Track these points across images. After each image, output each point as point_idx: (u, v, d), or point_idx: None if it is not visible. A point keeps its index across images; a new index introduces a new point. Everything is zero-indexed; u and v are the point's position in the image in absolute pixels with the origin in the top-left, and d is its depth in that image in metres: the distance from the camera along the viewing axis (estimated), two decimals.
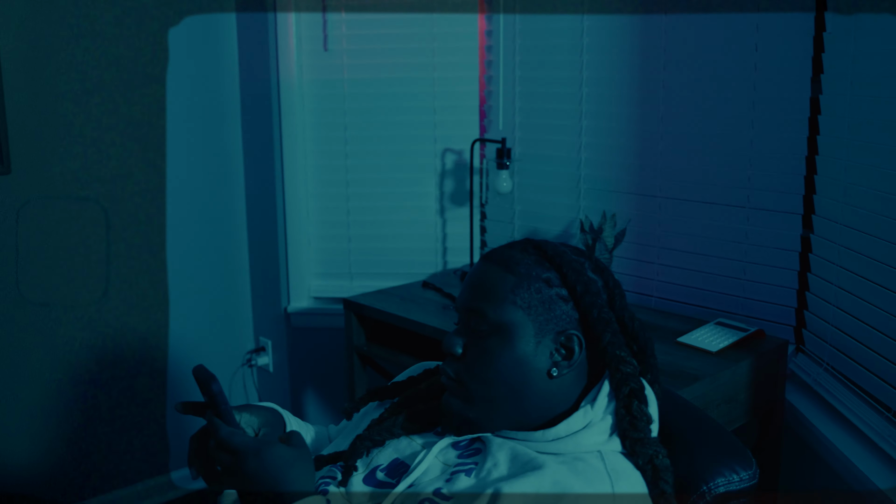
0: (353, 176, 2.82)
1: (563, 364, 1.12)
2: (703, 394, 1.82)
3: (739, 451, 1.13)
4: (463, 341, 1.15)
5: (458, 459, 1.13)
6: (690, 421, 1.21)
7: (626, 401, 1.10)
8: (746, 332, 2.04)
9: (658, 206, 2.36)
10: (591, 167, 2.51)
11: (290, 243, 2.86)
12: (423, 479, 1.11)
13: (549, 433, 1.10)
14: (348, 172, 2.82)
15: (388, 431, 1.20)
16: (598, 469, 1.05)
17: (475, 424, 1.14)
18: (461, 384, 1.14)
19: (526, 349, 1.11)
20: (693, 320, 2.21)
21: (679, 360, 1.91)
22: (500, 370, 1.11)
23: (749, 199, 2.18)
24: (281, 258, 2.89)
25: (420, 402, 1.25)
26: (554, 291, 1.12)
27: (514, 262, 1.14)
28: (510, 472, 1.06)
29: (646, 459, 1.07)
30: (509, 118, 2.71)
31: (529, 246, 1.17)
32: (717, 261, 2.25)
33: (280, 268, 2.91)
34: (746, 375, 1.93)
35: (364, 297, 2.52)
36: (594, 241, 2.31)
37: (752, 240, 2.18)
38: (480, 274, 1.16)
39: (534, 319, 1.11)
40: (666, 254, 2.36)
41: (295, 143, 2.79)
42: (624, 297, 1.18)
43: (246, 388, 3.16)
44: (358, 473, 1.17)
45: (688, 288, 2.32)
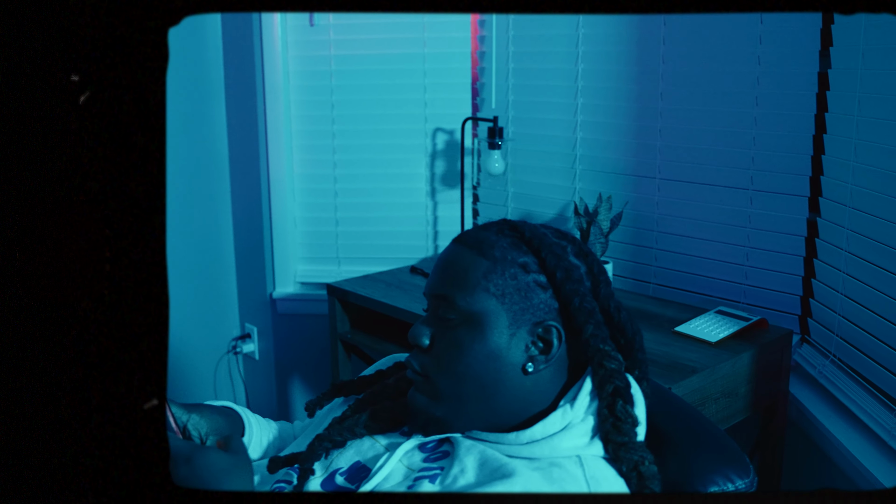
0: (340, 157, 2.73)
1: (540, 359, 1.01)
2: (700, 387, 1.73)
3: (736, 457, 1.01)
4: (430, 332, 1.04)
5: (424, 464, 1.02)
6: (682, 421, 1.10)
7: (610, 400, 0.99)
8: (748, 321, 1.96)
9: (657, 188, 2.28)
10: (587, 147, 2.42)
11: (276, 227, 2.77)
12: (383, 486, 1.01)
13: (523, 435, 0.99)
14: (335, 153, 2.73)
15: (350, 431, 1.09)
16: (576, 476, 0.95)
17: (443, 424, 1.03)
18: (428, 379, 1.03)
19: (499, 341, 1.00)
20: (692, 309, 2.13)
21: (676, 350, 1.82)
22: (470, 364, 1.00)
23: (752, 181, 2.09)
24: (266, 242, 2.81)
25: (387, 398, 1.14)
26: (531, 278, 1.01)
27: (488, 244, 1.03)
28: (478, 479, 0.96)
29: (630, 466, 0.96)
30: (502, 96, 2.60)
31: (506, 227, 1.06)
32: (719, 246, 2.17)
33: (265, 252, 2.83)
34: (748, 367, 1.85)
35: (348, 283, 2.42)
36: (589, 225, 2.20)
37: (756, 224, 2.10)
38: (450, 257, 1.05)
39: (508, 308, 1.00)
40: (664, 238, 2.28)
41: (279, 123, 2.69)
42: (610, 285, 1.07)
43: (232, 377, 3.07)
44: (315, 477, 1.07)
45: (687, 274, 2.24)
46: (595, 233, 2.20)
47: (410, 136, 2.70)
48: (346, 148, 2.72)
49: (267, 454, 1.23)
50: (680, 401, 1.17)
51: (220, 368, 3.04)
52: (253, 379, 3.05)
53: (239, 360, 3.07)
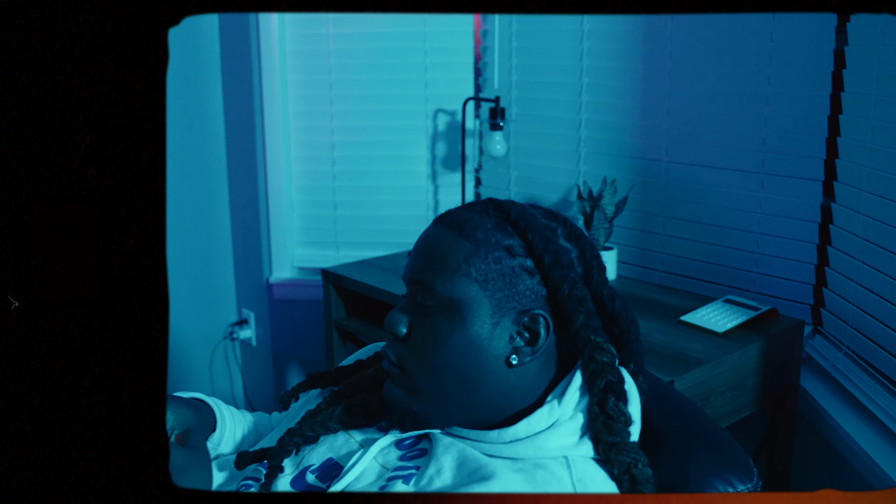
0: (338, 138, 2.65)
1: (526, 350, 0.93)
2: (705, 380, 1.66)
3: (738, 459, 0.93)
4: (408, 320, 0.96)
5: (399, 462, 0.95)
6: (681, 420, 1.02)
7: (601, 396, 0.91)
8: (758, 310, 1.89)
9: (663, 171, 2.20)
10: (592, 129, 2.34)
11: (272, 210, 2.70)
12: (355, 485, 0.93)
13: (505, 433, 0.91)
14: (333, 135, 2.65)
15: (323, 426, 1.02)
16: (562, 479, 0.87)
17: (420, 419, 0.95)
18: (404, 371, 0.96)
19: (480, 331, 0.92)
20: (699, 297, 2.07)
21: (680, 341, 1.75)
22: (449, 356, 0.92)
23: (764, 164, 2.01)
24: (262, 225, 2.75)
25: (364, 390, 1.06)
26: (517, 262, 0.93)
27: (471, 225, 0.95)
28: (455, 481, 0.88)
29: (622, 468, 0.88)
30: (505, 76, 2.52)
31: (490, 207, 0.98)
32: (728, 232, 2.10)
33: (261, 236, 2.76)
34: (756, 359, 1.78)
35: (343, 268, 2.35)
36: (592, 210, 2.12)
37: (767, 209, 2.02)
38: (429, 239, 0.97)
39: (491, 295, 0.92)
40: (671, 224, 2.21)
41: (276, 103, 2.62)
42: (603, 271, 0.98)
43: (228, 363, 3.01)
44: (285, 475, 1.00)
45: (694, 261, 2.17)
46: (599, 218, 2.12)
47: (411, 117, 2.62)
48: (345, 129, 2.65)
49: (241, 448, 1.15)
50: (679, 396, 1.09)
51: (217, 355, 2.99)
52: (250, 365, 3.00)
53: (236, 346, 3.01)
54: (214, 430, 1.10)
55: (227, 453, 1.13)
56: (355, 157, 2.66)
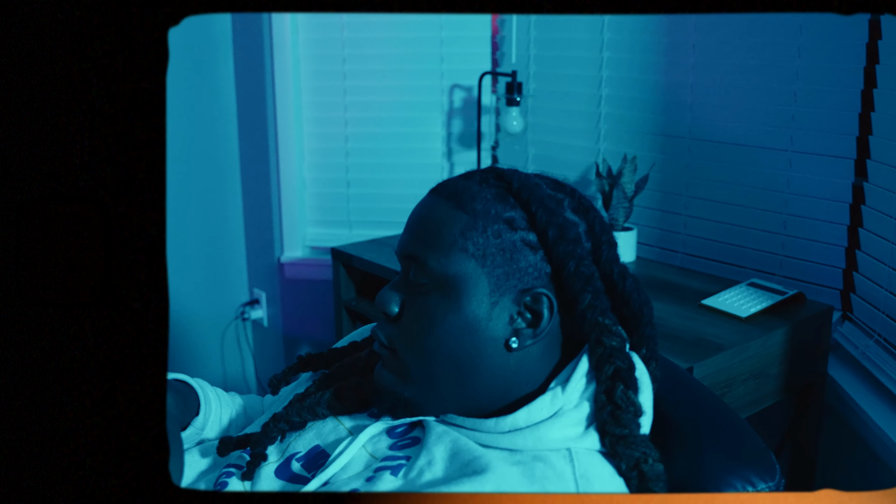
0: (351, 115, 2.59)
1: (527, 333, 0.85)
2: (726, 367, 1.58)
3: (759, 455, 0.85)
4: (400, 298, 0.89)
5: (389, 451, 0.87)
6: (697, 410, 0.94)
7: (609, 384, 0.83)
8: (784, 295, 1.82)
9: (686, 149, 2.12)
10: (613, 105, 2.26)
11: (284, 188, 2.64)
12: (341, 475, 0.86)
13: (503, 422, 0.84)
14: (347, 111, 2.59)
15: (311, 411, 0.95)
16: (563, 474, 0.79)
17: (412, 406, 0.88)
18: (395, 354, 0.88)
19: (477, 311, 0.84)
20: (722, 280, 2.00)
21: (701, 325, 1.68)
22: (443, 338, 0.85)
23: (792, 141, 1.93)
24: (274, 204, 2.69)
25: (356, 374, 0.99)
26: (518, 236, 0.85)
27: (469, 195, 0.87)
28: (446, 473, 0.81)
29: (630, 463, 0.80)
30: (523, 50, 2.45)
31: (491, 176, 0.90)
32: (753, 212, 2.02)
33: (273, 214, 2.71)
34: (781, 346, 1.71)
35: (353, 247, 2.29)
36: (611, 188, 2.04)
37: (795, 188, 1.94)
38: (423, 210, 0.90)
39: (489, 272, 0.84)
40: (694, 204, 2.13)
41: (288, 78, 2.56)
42: (614, 247, 0.90)
43: (240, 344, 2.97)
44: (269, 463, 0.93)
45: (718, 243, 2.10)
46: (618, 196, 2.04)
47: (426, 92, 2.56)
48: (358, 105, 2.59)
49: (227, 433, 1.09)
50: (697, 385, 1.00)
51: (228, 335, 2.95)
52: (261, 346, 2.95)
53: (247, 326, 2.97)
54: (198, 414, 1.04)
55: (212, 438, 1.06)
56: (369, 133, 2.61)
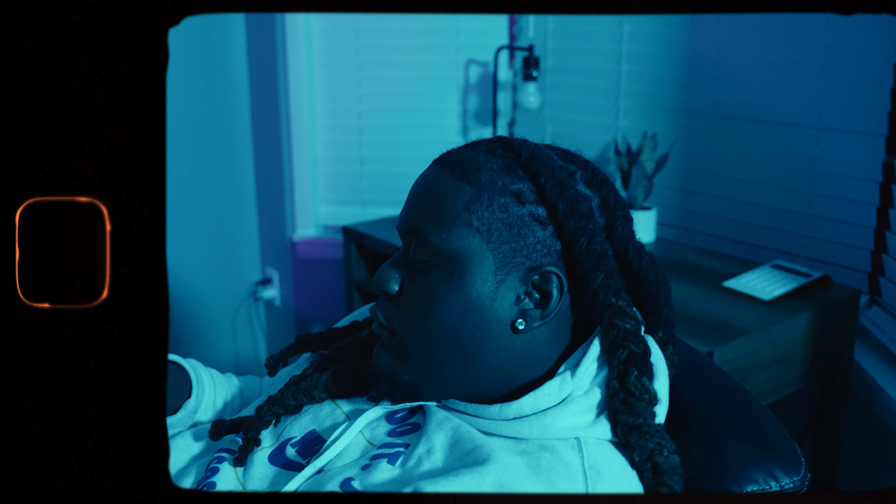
0: (365, 91, 2.55)
1: (535, 314, 0.80)
2: (748, 352, 1.53)
3: (783, 447, 0.79)
4: (400, 276, 0.84)
5: (388, 438, 0.82)
6: (717, 398, 0.88)
7: (622, 369, 0.77)
8: (809, 277, 1.76)
9: (709, 126, 2.07)
10: (633, 80, 2.19)
11: (296, 165, 2.60)
12: (336, 462, 0.81)
13: (508, 409, 0.78)
14: (360, 87, 2.55)
15: (307, 394, 0.90)
16: (571, 464, 0.74)
17: (412, 390, 0.83)
18: (394, 335, 0.83)
19: (481, 290, 0.79)
20: (745, 262, 1.95)
21: (722, 308, 1.63)
22: (445, 319, 0.79)
23: (820, 118, 1.87)
24: (286, 182, 2.65)
25: (356, 355, 0.94)
26: (526, 210, 0.79)
27: (474, 166, 0.81)
28: (446, 463, 0.75)
29: (644, 455, 0.75)
30: (541, 24, 2.39)
31: (498, 146, 0.84)
32: (778, 192, 1.97)
33: (284, 192, 2.66)
34: (805, 330, 1.66)
35: (365, 226, 2.24)
36: (630, 166, 1.98)
37: (822, 167, 1.88)
38: (426, 182, 0.84)
39: (495, 249, 0.79)
40: (716, 182, 2.08)
41: (300, 54, 2.52)
42: (629, 223, 0.84)
43: (252, 324, 2.93)
44: (263, 448, 0.88)
45: (740, 223, 2.05)
46: (637, 175, 1.99)
47: (441, 68, 2.51)
48: (372, 81, 2.54)
49: (222, 416, 1.04)
50: (716, 370, 0.94)
51: (240, 315, 2.91)
52: (273, 326, 2.92)
53: (259, 306, 2.93)
54: (189, 397, 0.99)
55: (205, 421, 1.02)
56: (382, 110, 2.56)
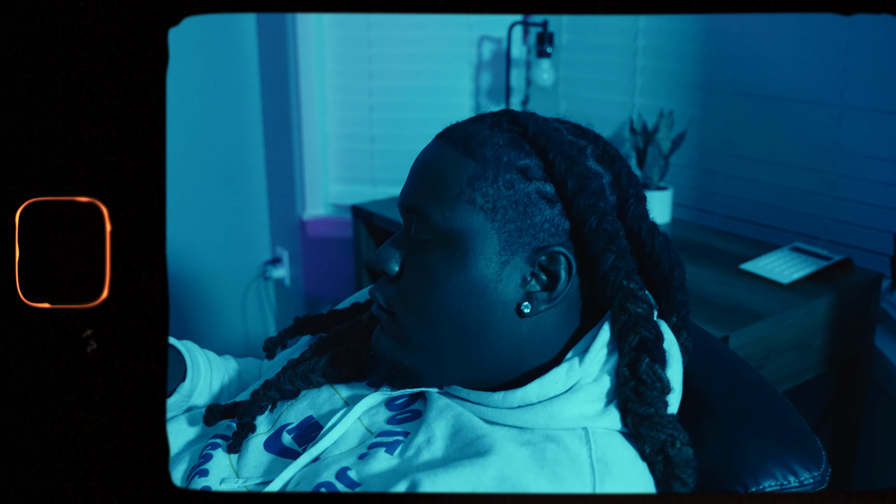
0: (376, 67, 2.50)
1: (542, 296, 0.75)
2: (765, 336, 1.49)
3: (803, 439, 0.75)
4: (401, 256, 0.80)
5: (387, 426, 0.79)
6: (734, 386, 0.83)
7: (633, 356, 0.73)
8: (829, 260, 1.71)
9: (727, 104, 2.01)
10: (650, 57, 2.14)
11: (306, 143, 2.56)
12: (333, 451, 0.78)
13: (513, 396, 0.74)
14: (371, 63, 2.50)
15: (304, 378, 0.86)
16: (578, 456, 0.70)
17: (412, 375, 0.79)
18: (394, 317, 0.79)
19: (485, 272, 0.75)
20: (763, 244, 1.90)
21: (739, 292, 1.58)
22: (446, 301, 0.75)
23: (843, 95, 1.81)
24: (295, 160, 2.61)
25: (356, 338, 0.90)
26: (533, 187, 0.75)
27: (478, 141, 0.77)
28: (446, 454, 0.72)
29: (655, 447, 0.71)
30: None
31: (504, 119, 0.80)
32: (798, 172, 1.91)
33: (294, 171, 2.62)
34: (825, 315, 1.61)
35: (375, 205, 2.20)
36: (646, 145, 1.93)
37: (845, 146, 1.83)
38: (428, 157, 0.80)
39: (499, 228, 0.75)
40: (734, 162, 2.03)
41: (310, 30, 2.47)
42: (643, 202, 0.80)
43: (262, 304, 2.91)
44: (258, 434, 0.85)
45: (759, 204, 2.00)
46: (653, 154, 1.93)
47: (453, 44, 2.46)
48: (383, 57, 2.50)
49: (218, 400, 1.01)
50: (733, 357, 0.90)
51: (250, 294, 2.88)
52: (284, 306, 2.89)
53: (269, 285, 2.90)
54: (184, 380, 0.96)
55: (201, 405, 0.98)
56: (394, 87, 2.52)
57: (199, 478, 0.81)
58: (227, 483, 0.80)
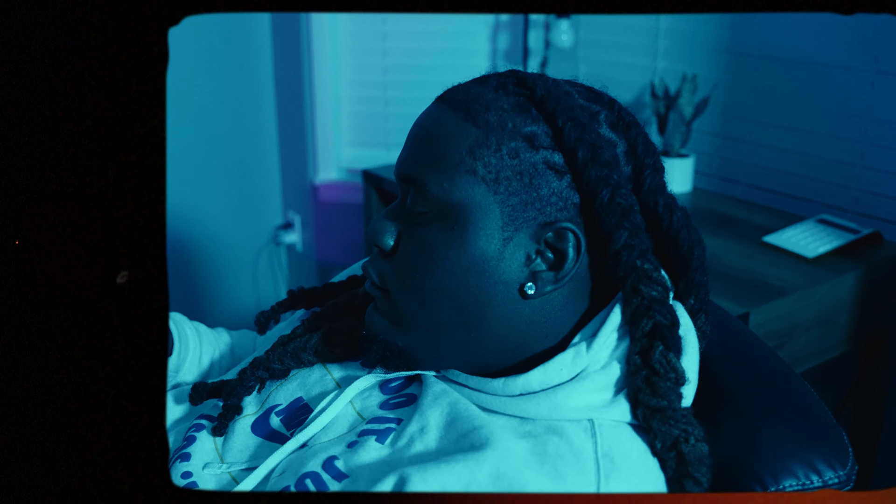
0: (390, 28, 2.44)
1: (547, 276, 0.69)
2: (789, 313, 1.42)
3: (829, 435, 0.69)
4: (396, 229, 0.74)
5: (379, 411, 0.74)
6: (754, 373, 0.77)
7: (646, 343, 0.67)
8: (857, 234, 1.63)
9: (754, 68, 1.92)
10: (673, 18, 2.05)
11: (318, 106, 2.50)
12: (321, 438, 0.73)
13: (513, 383, 0.69)
14: (385, 24, 2.44)
15: (294, 357, 0.81)
16: (583, 450, 0.64)
17: (407, 358, 0.74)
18: (388, 296, 0.74)
19: (486, 249, 0.69)
20: (788, 216, 1.81)
21: (761, 266, 1.51)
22: (444, 280, 0.69)
23: (877, 60, 1.71)
24: (307, 122, 2.55)
25: (351, 314, 0.85)
26: (540, 156, 0.69)
27: (481, 105, 0.71)
28: (439, 445, 0.66)
29: (668, 442, 0.65)
30: None
31: (510, 81, 0.74)
32: (828, 140, 1.83)
33: (306, 134, 2.57)
34: (851, 291, 1.53)
35: (386, 170, 2.14)
36: (667, 110, 1.85)
37: (877, 114, 1.73)
38: (426, 122, 0.74)
39: (502, 201, 0.69)
40: (760, 129, 1.94)
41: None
42: (660, 173, 0.73)
43: (273, 269, 2.87)
44: (245, 416, 0.80)
45: (785, 174, 1.91)
46: (675, 119, 1.86)
47: None
48: (398, 18, 2.42)
49: (209, 377, 0.96)
50: (754, 340, 0.84)
51: (262, 259, 2.84)
52: (295, 272, 2.85)
53: (281, 251, 2.86)
54: (171, 354, 0.91)
55: (189, 382, 0.94)
56: (409, 49, 2.44)
57: (180, 462, 0.76)
58: (210, 468, 0.76)
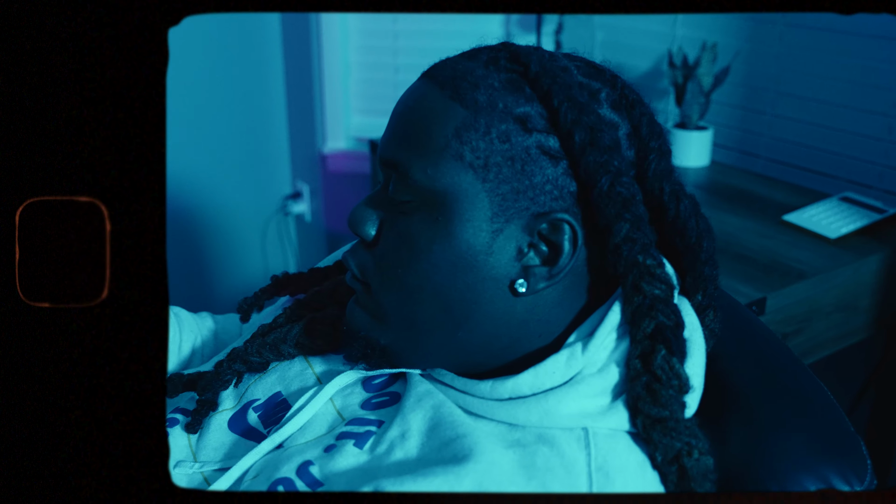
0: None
1: (541, 272, 0.64)
2: (809, 297, 1.36)
3: (846, 444, 0.63)
4: (378, 218, 0.68)
5: (361, 411, 0.69)
6: (766, 373, 0.71)
7: (647, 345, 0.61)
8: (883, 213, 1.57)
9: (778, 36, 1.84)
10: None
11: (326, 72, 2.44)
12: (298, 439, 0.68)
13: (502, 386, 0.63)
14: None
15: (273, 349, 0.76)
16: (574, 464, 0.59)
17: (390, 355, 0.69)
18: (369, 289, 0.68)
19: (474, 241, 0.63)
20: (810, 192, 1.75)
21: (781, 246, 1.45)
22: (428, 274, 0.64)
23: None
24: (315, 90, 2.50)
25: (336, 303, 0.80)
26: (533, 140, 0.63)
27: (470, 82, 0.65)
28: (420, 453, 0.61)
29: (669, 455, 0.59)
30: None
31: (503, 55, 0.67)
32: (854, 113, 1.76)
33: (314, 101, 2.52)
34: (876, 274, 1.47)
35: None
36: (685, 80, 1.78)
37: None
38: (411, 101, 0.68)
39: (492, 189, 0.63)
40: (783, 101, 1.87)
41: None
42: (667, 158, 0.67)
43: (282, 240, 2.83)
44: (222, 411, 0.76)
45: (808, 148, 1.85)
46: (693, 90, 1.79)
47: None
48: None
49: (190, 365, 0.92)
50: (768, 336, 0.78)
51: (270, 229, 2.81)
52: (305, 242, 2.81)
53: (289, 221, 2.82)
54: None
55: (169, 371, 0.89)
56: (420, 14, 2.36)
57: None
58: (181, 467, 0.71)
